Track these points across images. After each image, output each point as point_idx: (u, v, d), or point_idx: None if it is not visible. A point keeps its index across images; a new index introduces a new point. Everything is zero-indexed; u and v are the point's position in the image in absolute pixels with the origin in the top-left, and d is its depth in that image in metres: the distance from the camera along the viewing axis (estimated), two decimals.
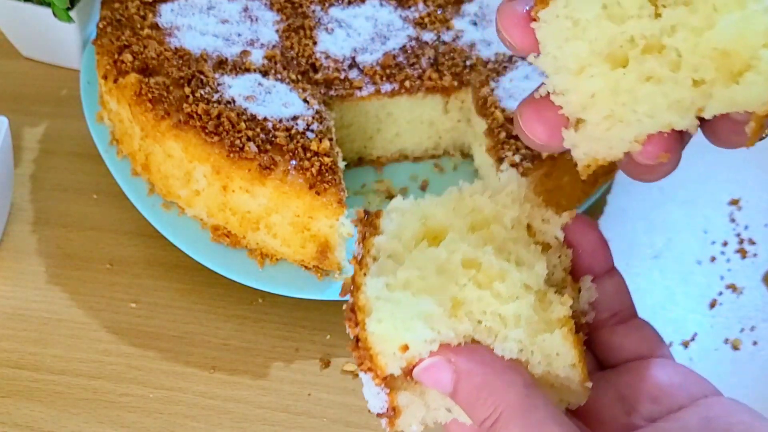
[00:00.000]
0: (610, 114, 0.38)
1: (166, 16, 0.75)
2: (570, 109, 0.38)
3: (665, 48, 0.36)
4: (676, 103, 0.37)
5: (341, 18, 0.79)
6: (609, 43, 0.37)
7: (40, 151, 0.81)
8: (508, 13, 0.38)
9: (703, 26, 0.35)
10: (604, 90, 0.37)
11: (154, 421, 0.64)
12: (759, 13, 0.34)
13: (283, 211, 0.65)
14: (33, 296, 0.71)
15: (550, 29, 0.37)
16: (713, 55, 0.35)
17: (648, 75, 0.37)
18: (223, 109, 0.67)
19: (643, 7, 0.37)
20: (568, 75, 0.38)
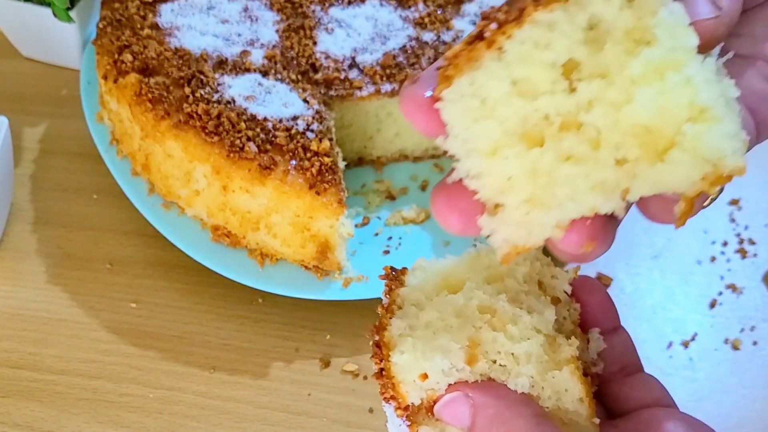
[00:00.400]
0: (529, 197, 0.34)
1: (166, 16, 0.75)
2: (486, 194, 0.35)
3: (584, 125, 0.33)
4: (599, 184, 0.33)
5: (341, 18, 0.79)
6: (522, 122, 0.34)
7: (40, 151, 0.81)
8: (410, 97, 0.35)
9: (621, 101, 0.32)
10: (521, 172, 0.34)
11: (154, 421, 0.64)
12: (680, 84, 0.31)
13: (283, 211, 0.65)
14: (33, 296, 0.71)
15: (457, 109, 0.34)
16: (635, 132, 0.32)
17: (567, 154, 0.34)
18: (223, 109, 0.67)
19: (556, 82, 0.33)
20: (481, 157, 0.34)
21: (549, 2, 0.33)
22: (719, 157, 0.31)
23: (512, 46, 0.33)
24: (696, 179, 0.32)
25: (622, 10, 0.33)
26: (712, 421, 0.66)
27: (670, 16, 0.32)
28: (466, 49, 0.33)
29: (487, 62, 0.33)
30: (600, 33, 0.33)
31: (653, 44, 0.32)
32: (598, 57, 0.33)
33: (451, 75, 0.33)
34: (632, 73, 0.32)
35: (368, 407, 0.65)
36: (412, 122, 0.35)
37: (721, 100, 0.32)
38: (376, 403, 0.66)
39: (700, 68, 0.32)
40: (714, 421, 0.66)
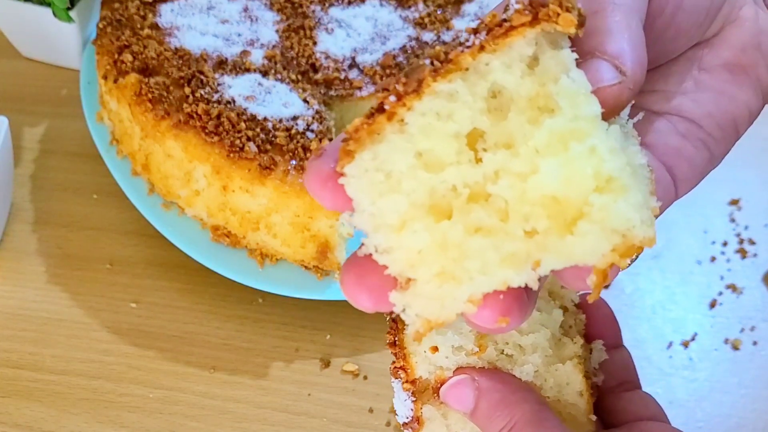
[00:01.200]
0: (440, 271, 0.33)
1: (166, 16, 0.75)
2: (396, 269, 0.33)
3: (491, 196, 0.32)
4: (509, 257, 0.32)
5: (341, 18, 0.79)
6: (429, 194, 0.33)
7: (40, 151, 0.81)
8: (314, 172, 0.33)
9: (527, 171, 0.32)
10: (430, 245, 0.33)
11: (154, 421, 0.64)
12: (584, 154, 0.31)
13: (283, 211, 0.65)
14: (33, 296, 0.71)
15: (361, 185, 0.33)
16: (543, 203, 0.32)
17: (476, 226, 0.32)
18: (223, 109, 0.67)
19: (461, 153, 0.32)
20: (389, 232, 0.33)
21: (447, 72, 0.32)
22: (628, 228, 0.30)
23: (413, 118, 0.32)
24: (606, 251, 0.31)
25: (524, 78, 0.32)
26: (712, 421, 0.66)
27: (571, 84, 0.31)
28: (366, 123, 0.32)
29: (389, 135, 0.32)
30: (503, 100, 0.33)
31: (556, 113, 0.32)
32: (503, 126, 0.33)
33: (353, 150, 0.32)
34: (536, 143, 0.31)
35: (368, 407, 0.65)
36: (318, 199, 0.34)
37: (628, 168, 0.31)
38: (376, 403, 0.66)
39: (604, 137, 0.31)
40: (714, 421, 0.66)
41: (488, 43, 0.32)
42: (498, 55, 0.32)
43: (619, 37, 0.33)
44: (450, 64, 0.32)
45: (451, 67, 0.32)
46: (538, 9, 0.31)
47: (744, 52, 0.40)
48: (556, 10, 0.31)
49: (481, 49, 0.32)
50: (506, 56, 0.32)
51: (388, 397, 0.66)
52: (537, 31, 0.32)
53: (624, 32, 0.34)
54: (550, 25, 0.32)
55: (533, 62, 0.33)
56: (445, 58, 0.32)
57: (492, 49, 0.32)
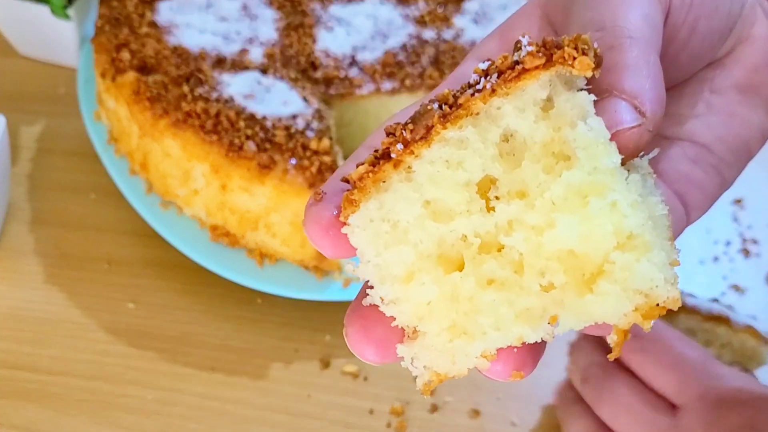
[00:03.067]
0: (451, 324, 0.32)
1: (165, 14, 0.75)
2: (404, 320, 0.32)
3: (505, 247, 0.31)
4: (525, 312, 0.31)
5: (341, 16, 0.79)
6: (438, 245, 0.31)
7: (37, 150, 0.81)
8: (314, 218, 0.32)
9: (542, 225, 0.30)
10: (440, 298, 0.31)
11: (153, 422, 0.63)
12: (604, 209, 0.29)
13: (282, 210, 0.65)
14: (30, 296, 0.70)
15: (366, 235, 0.31)
16: (560, 257, 0.30)
17: (489, 278, 0.31)
18: (221, 107, 0.67)
19: (472, 201, 0.31)
20: (396, 284, 0.32)
21: (457, 118, 0.30)
22: (651, 288, 0.30)
23: (421, 166, 0.31)
24: (628, 311, 0.30)
25: (538, 122, 0.31)
26: None
27: (589, 133, 0.30)
28: (371, 170, 0.31)
29: (396, 184, 0.31)
30: (517, 144, 0.31)
31: (573, 163, 0.30)
32: (516, 173, 0.31)
33: (357, 199, 0.31)
34: (553, 196, 0.30)
35: (368, 408, 0.65)
36: (319, 248, 0.32)
37: (650, 223, 0.30)
38: (376, 404, 0.65)
39: (625, 190, 0.30)
40: None
41: (500, 87, 0.30)
42: (510, 99, 0.31)
43: (637, 74, 0.32)
44: (460, 109, 0.31)
45: (461, 113, 0.31)
46: (553, 51, 0.30)
47: (756, 71, 0.39)
48: (572, 53, 0.30)
49: (493, 92, 0.30)
50: (519, 100, 0.31)
51: (389, 398, 0.65)
52: (551, 73, 0.30)
53: (643, 68, 0.32)
54: (566, 69, 0.30)
55: (547, 104, 0.31)
56: (455, 103, 0.31)
57: (504, 93, 0.31)
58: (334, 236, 0.32)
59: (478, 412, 0.65)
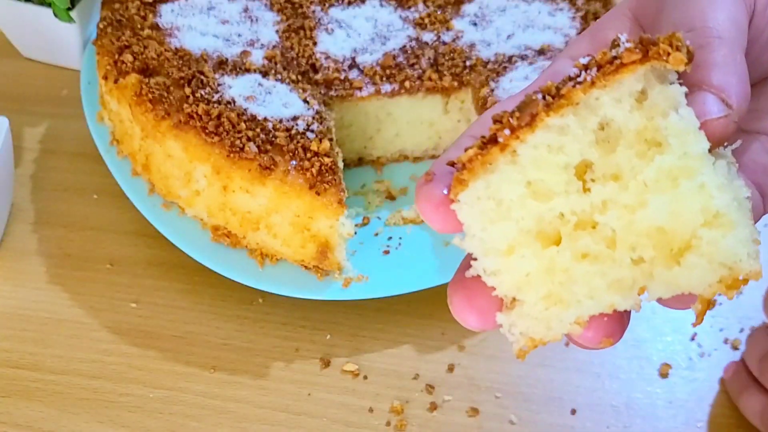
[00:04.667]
0: (547, 294, 0.35)
1: (167, 17, 0.75)
2: (504, 290, 0.35)
3: (599, 224, 0.34)
4: (616, 282, 0.34)
5: (341, 18, 0.79)
6: (538, 222, 0.35)
7: (40, 151, 0.81)
8: (426, 197, 0.35)
9: (635, 204, 0.33)
10: (538, 270, 0.35)
11: (155, 421, 0.64)
12: (693, 190, 0.32)
13: (283, 211, 0.66)
14: (33, 296, 0.71)
15: (473, 211, 0.35)
16: (650, 233, 0.33)
17: (583, 252, 0.34)
18: (223, 109, 0.67)
19: (569, 183, 0.34)
20: (498, 256, 0.35)
21: (560, 107, 0.34)
22: (735, 262, 0.32)
23: (525, 150, 0.34)
24: (713, 282, 0.33)
25: (633, 112, 0.34)
26: (712, 421, 0.66)
27: (680, 121, 0.33)
28: (479, 153, 0.34)
29: (502, 166, 0.34)
30: (612, 132, 0.34)
31: (665, 149, 0.33)
32: (611, 158, 0.34)
33: (466, 179, 0.34)
34: (645, 178, 0.33)
35: (368, 407, 0.65)
36: (429, 222, 0.36)
37: (735, 203, 0.32)
38: (376, 403, 0.66)
39: (712, 174, 0.32)
40: (714, 421, 0.66)
41: (599, 79, 0.33)
42: (608, 90, 0.34)
43: (725, 71, 0.35)
44: (562, 99, 0.33)
45: (563, 102, 0.33)
46: (649, 47, 0.33)
47: None
48: (667, 49, 0.32)
49: (592, 84, 0.33)
50: (616, 92, 0.34)
51: (388, 397, 0.66)
52: (647, 67, 0.33)
53: (730, 65, 0.35)
54: (661, 63, 0.33)
55: (641, 96, 0.34)
56: (557, 93, 0.34)
57: (602, 85, 0.33)
58: (443, 212, 0.35)
59: (477, 410, 0.65)
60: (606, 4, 0.80)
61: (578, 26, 0.78)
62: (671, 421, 0.66)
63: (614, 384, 0.67)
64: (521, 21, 0.78)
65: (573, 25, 0.78)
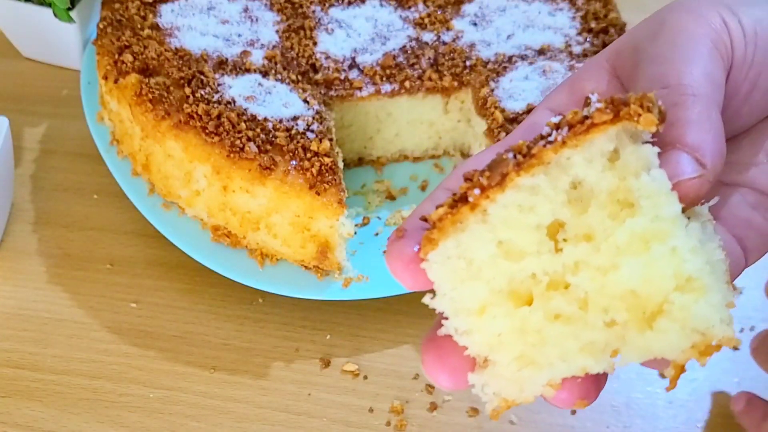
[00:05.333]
0: (520, 355, 0.34)
1: (167, 17, 0.75)
2: (476, 350, 0.35)
3: (571, 285, 0.34)
4: (589, 345, 0.34)
5: (341, 18, 0.79)
6: (509, 281, 0.34)
7: (40, 151, 0.81)
8: (396, 254, 0.35)
9: (607, 266, 0.33)
10: (510, 330, 0.34)
11: (155, 421, 0.64)
12: (665, 254, 0.32)
13: (283, 211, 0.66)
14: (33, 296, 0.71)
15: (443, 270, 0.34)
16: (623, 296, 0.33)
17: (556, 313, 0.34)
18: (223, 109, 0.67)
19: (541, 243, 0.34)
20: (469, 316, 0.35)
21: (530, 167, 0.33)
22: (707, 327, 0.32)
23: (496, 209, 0.34)
24: (685, 348, 0.32)
25: (605, 172, 0.33)
26: (712, 421, 0.66)
27: (652, 183, 0.32)
28: (449, 212, 0.34)
29: (472, 225, 0.34)
30: (584, 191, 0.34)
31: (637, 211, 0.33)
32: (583, 219, 0.34)
33: (436, 238, 0.34)
34: (617, 241, 0.33)
35: (368, 407, 0.65)
36: (399, 280, 0.35)
37: (707, 267, 0.32)
38: (376, 403, 0.66)
39: (684, 237, 0.32)
40: (714, 422, 0.66)
41: (570, 139, 0.33)
42: (579, 150, 0.33)
43: (699, 129, 0.34)
44: (533, 158, 0.33)
45: (533, 162, 0.33)
46: (620, 108, 0.32)
47: None
48: (638, 110, 0.32)
49: (563, 144, 0.33)
50: (587, 151, 0.33)
51: (388, 397, 0.66)
52: (618, 127, 0.33)
53: (704, 123, 0.34)
54: (632, 124, 0.32)
55: (614, 155, 0.34)
56: (528, 153, 0.33)
57: (574, 144, 0.33)
58: (414, 270, 0.35)
59: (477, 410, 0.65)
60: (606, 4, 0.80)
61: (578, 26, 0.78)
62: (671, 421, 0.66)
63: (614, 384, 0.67)
64: (521, 21, 0.78)
65: (573, 25, 0.78)
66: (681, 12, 0.38)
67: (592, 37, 0.77)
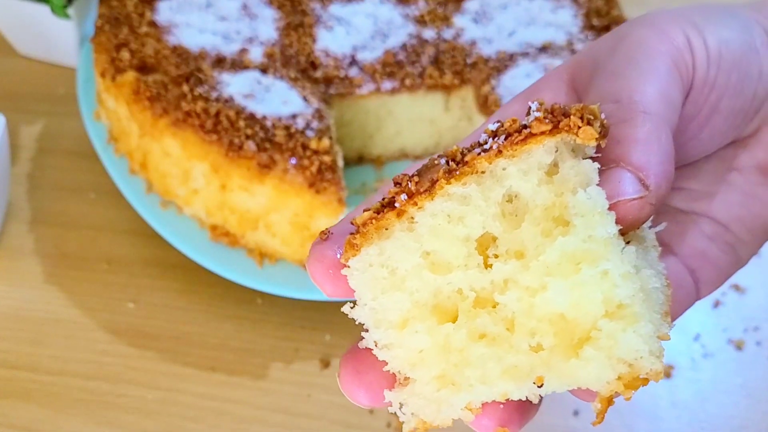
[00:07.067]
0: (440, 374, 0.32)
1: (164, 14, 0.75)
2: (396, 365, 0.33)
3: (499, 303, 0.31)
4: (512, 369, 0.31)
5: (341, 15, 0.78)
6: (434, 295, 0.32)
7: (37, 149, 0.81)
8: (317, 257, 0.33)
9: (536, 287, 0.31)
10: (432, 347, 0.32)
11: (152, 422, 0.63)
12: (595, 278, 0.30)
13: (282, 210, 0.65)
14: (30, 296, 0.70)
15: (364, 278, 0.32)
16: (551, 319, 0.31)
17: (481, 332, 0.32)
18: (221, 107, 0.67)
19: (470, 256, 0.32)
20: (390, 329, 0.32)
21: (462, 175, 0.31)
22: (635, 359, 0.30)
23: (423, 218, 0.32)
24: (611, 379, 0.30)
25: (541, 186, 0.31)
26: (715, 422, 0.66)
27: (587, 201, 0.30)
28: (375, 217, 0.32)
29: (397, 232, 0.32)
30: (519, 205, 0.32)
31: (570, 230, 0.31)
32: (516, 234, 0.32)
33: (359, 243, 0.32)
34: (547, 259, 0.31)
35: (368, 408, 0.65)
36: (318, 285, 0.33)
37: (641, 295, 0.30)
38: None
39: (618, 261, 0.30)
40: (717, 423, 0.66)
41: (506, 148, 0.31)
42: (516, 161, 0.31)
43: (646, 149, 0.32)
44: (465, 166, 0.31)
45: (466, 170, 0.31)
46: (560, 118, 0.31)
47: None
48: (577, 122, 0.30)
49: (499, 153, 0.31)
50: (524, 163, 0.31)
51: None
52: (557, 140, 0.31)
53: (653, 144, 0.32)
54: (571, 137, 0.31)
55: (553, 169, 0.32)
56: (461, 160, 0.31)
57: (510, 155, 0.31)
58: (334, 276, 0.33)
59: None
60: (608, 1, 0.79)
61: (580, 23, 0.77)
62: (674, 422, 0.65)
63: None
64: (523, 18, 0.78)
65: (575, 22, 0.78)
66: (643, 27, 0.36)
67: (595, 34, 0.76)
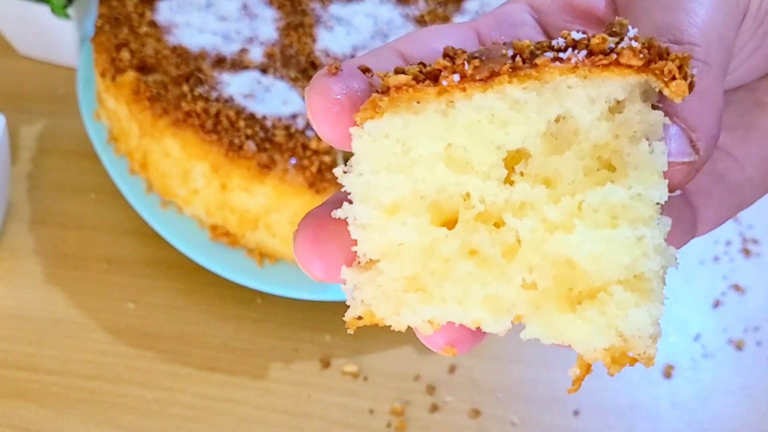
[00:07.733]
0: (413, 276, 0.29)
1: (164, 14, 0.75)
2: (365, 249, 0.29)
3: (505, 225, 0.28)
4: (494, 299, 0.28)
5: (341, 15, 0.78)
6: (439, 191, 0.29)
7: (37, 149, 0.81)
8: (321, 90, 0.28)
9: (558, 224, 0.28)
10: (415, 245, 0.29)
11: (153, 422, 0.63)
12: (630, 240, 0.27)
13: (282, 210, 0.65)
14: (30, 296, 0.70)
15: (372, 146, 0.28)
16: (557, 262, 0.28)
17: (473, 249, 0.28)
18: (221, 107, 0.67)
19: (495, 166, 0.28)
20: (377, 209, 0.29)
21: (526, 78, 0.27)
22: (634, 336, 0.27)
23: (465, 108, 0.28)
24: (599, 348, 0.28)
25: (601, 121, 0.28)
26: (715, 422, 0.65)
27: (648, 156, 0.28)
28: (411, 85, 0.27)
29: (431, 112, 0.28)
30: (566, 130, 0.29)
31: (619, 179, 0.28)
32: (553, 160, 0.28)
33: (383, 108, 0.27)
34: (584, 201, 0.28)
35: (368, 408, 0.65)
36: (315, 123, 0.28)
37: (661, 273, 0.28)
38: (376, 405, 0.65)
39: (656, 231, 0.28)
40: (718, 422, 0.66)
41: (584, 67, 0.27)
42: (587, 84, 0.28)
43: (704, 107, 0.29)
44: (533, 69, 0.27)
45: (532, 73, 0.27)
46: (655, 59, 0.27)
47: None
48: (674, 72, 0.27)
49: (575, 69, 0.27)
50: (595, 89, 0.28)
51: (389, 398, 0.65)
52: (641, 78, 0.27)
53: (709, 101, 0.29)
54: (658, 83, 0.27)
55: (617, 106, 0.28)
56: (530, 59, 0.27)
57: (583, 75, 0.28)
58: (335, 119, 0.28)
59: (478, 412, 0.65)
60: None
61: None
62: (675, 422, 0.65)
63: (617, 385, 0.67)
64: None
65: None
66: None
67: None
